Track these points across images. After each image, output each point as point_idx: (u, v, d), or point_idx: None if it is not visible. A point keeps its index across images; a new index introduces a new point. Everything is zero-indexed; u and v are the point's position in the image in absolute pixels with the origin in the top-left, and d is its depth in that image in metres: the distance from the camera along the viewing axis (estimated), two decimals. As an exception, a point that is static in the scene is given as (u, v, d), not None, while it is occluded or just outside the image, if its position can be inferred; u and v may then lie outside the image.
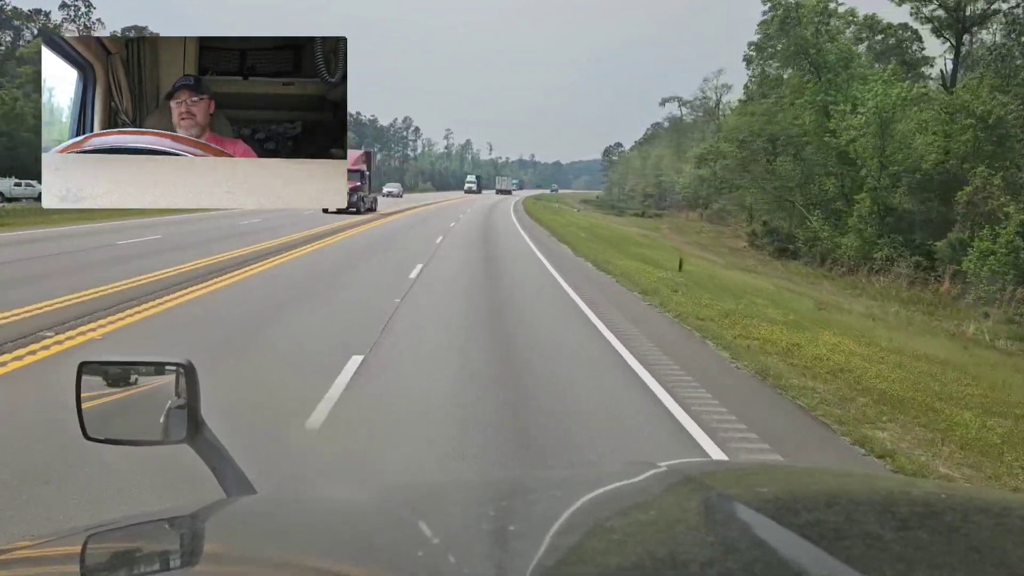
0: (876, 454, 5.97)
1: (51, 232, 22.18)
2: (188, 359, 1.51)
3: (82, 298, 10.82)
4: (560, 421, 6.25)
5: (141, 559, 1.06)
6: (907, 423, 6.86)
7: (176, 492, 3.74)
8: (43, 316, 9.39)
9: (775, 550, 0.87)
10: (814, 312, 16.30)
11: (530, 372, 7.94)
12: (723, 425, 6.43)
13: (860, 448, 6.12)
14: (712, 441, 5.98)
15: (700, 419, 6.53)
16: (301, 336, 9.20)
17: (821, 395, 7.60)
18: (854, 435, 6.39)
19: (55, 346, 7.93)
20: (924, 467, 5.72)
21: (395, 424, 6.05)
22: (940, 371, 10.13)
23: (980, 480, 5.55)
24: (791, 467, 2.55)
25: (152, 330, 9.14)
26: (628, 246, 29.54)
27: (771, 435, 6.24)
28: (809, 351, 9.85)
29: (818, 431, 6.60)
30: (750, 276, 25.38)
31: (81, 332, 8.69)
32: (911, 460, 5.83)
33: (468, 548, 0.98)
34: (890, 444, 6.20)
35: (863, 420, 6.85)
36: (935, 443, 6.32)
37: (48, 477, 4.53)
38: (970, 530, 0.99)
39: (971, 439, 6.49)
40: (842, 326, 13.98)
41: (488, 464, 5.20)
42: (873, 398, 7.63)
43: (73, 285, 11.76)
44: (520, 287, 14.99)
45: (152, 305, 10.71)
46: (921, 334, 16.42)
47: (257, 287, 13.03)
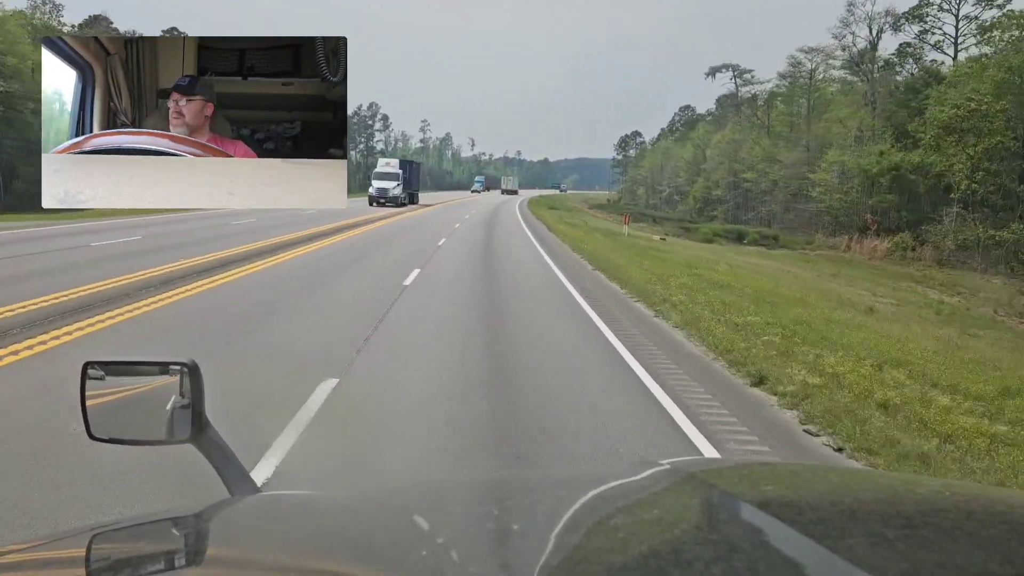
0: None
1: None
2: (192, 359, 1.51)
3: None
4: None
5: (146, 559, 1.06)
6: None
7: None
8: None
9: (779, 548, 0.88)
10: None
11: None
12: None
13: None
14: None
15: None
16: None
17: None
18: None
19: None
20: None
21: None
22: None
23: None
24: (795, 465, 2.56)
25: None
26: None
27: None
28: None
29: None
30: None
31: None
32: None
33: (472, 547, 0.99)
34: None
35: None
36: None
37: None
38: (975, 528, 1.00)
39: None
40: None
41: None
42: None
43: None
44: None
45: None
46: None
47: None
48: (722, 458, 4.96)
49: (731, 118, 79.73)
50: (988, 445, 5.87)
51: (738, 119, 77.11)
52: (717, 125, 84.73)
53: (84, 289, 11.31)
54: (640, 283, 15.14)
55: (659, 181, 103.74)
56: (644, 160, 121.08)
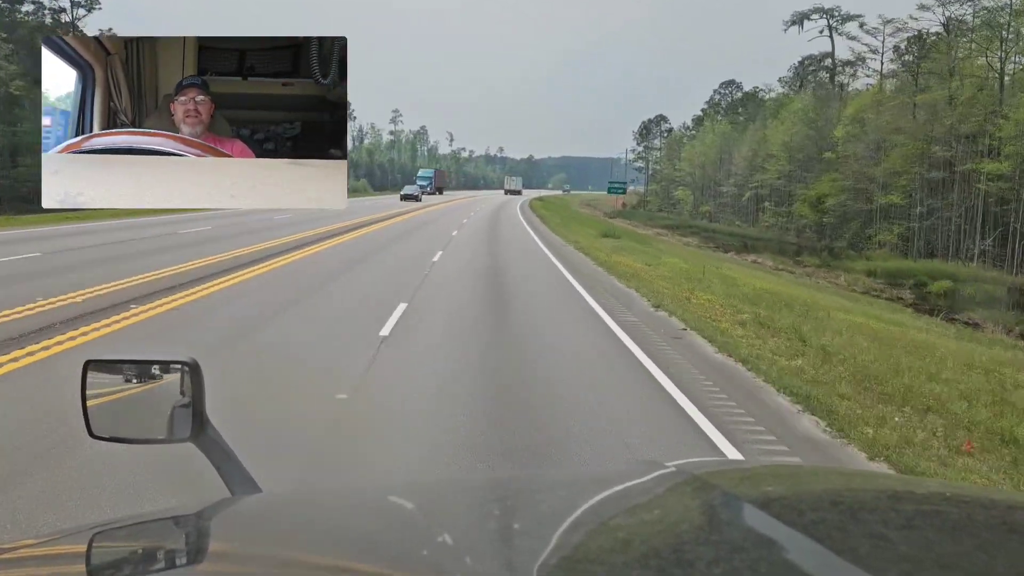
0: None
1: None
2: (193, 358, 1.51)
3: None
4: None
5: (147, 557, 1.06)
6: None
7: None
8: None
9: (781, 550, 0.88)
10: None
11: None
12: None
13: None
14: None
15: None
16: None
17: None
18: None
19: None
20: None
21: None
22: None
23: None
24: (797, 467, 2.56)
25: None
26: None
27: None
28: None
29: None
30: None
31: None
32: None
33: (474, 546, 0.99)
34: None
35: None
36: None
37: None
38: (976, 529, 1.00)
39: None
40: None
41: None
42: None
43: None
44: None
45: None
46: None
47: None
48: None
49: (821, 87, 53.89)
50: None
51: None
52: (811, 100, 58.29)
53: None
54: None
55: (717, 178, 70.82)
56: (682, 151, 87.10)
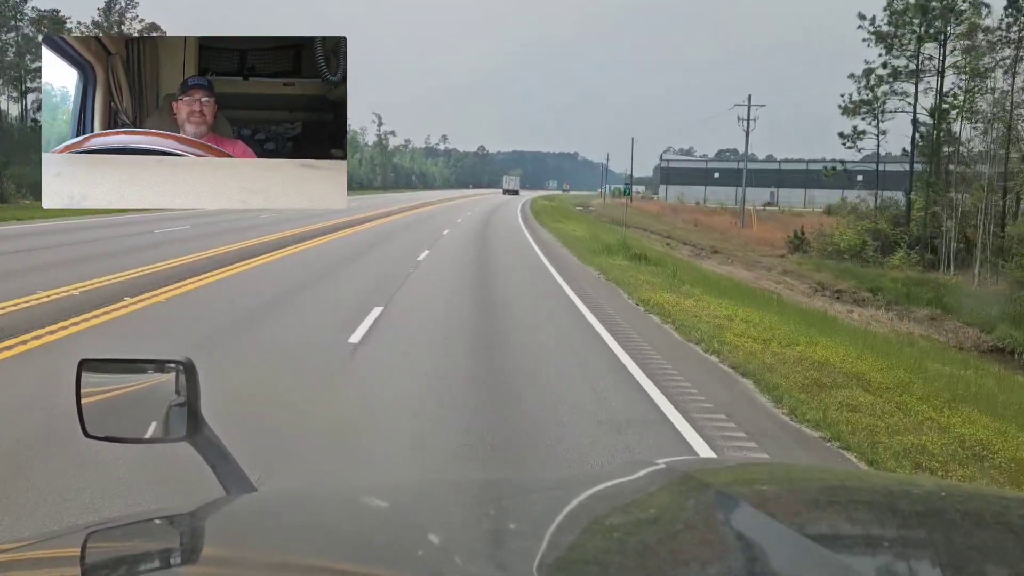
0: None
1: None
2: (188, 358, 1.51)
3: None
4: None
5: (141, 557, 1.06)
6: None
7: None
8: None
9: (774, 548, 0.87)
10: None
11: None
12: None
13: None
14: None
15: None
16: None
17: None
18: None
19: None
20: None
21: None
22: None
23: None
24: (791, 465, 2.56)
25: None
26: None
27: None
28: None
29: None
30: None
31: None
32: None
33: (468, 547, 0.99)
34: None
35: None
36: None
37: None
38: (970, 528, 1.00)
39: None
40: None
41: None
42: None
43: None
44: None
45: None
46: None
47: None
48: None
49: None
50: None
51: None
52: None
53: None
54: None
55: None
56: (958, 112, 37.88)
